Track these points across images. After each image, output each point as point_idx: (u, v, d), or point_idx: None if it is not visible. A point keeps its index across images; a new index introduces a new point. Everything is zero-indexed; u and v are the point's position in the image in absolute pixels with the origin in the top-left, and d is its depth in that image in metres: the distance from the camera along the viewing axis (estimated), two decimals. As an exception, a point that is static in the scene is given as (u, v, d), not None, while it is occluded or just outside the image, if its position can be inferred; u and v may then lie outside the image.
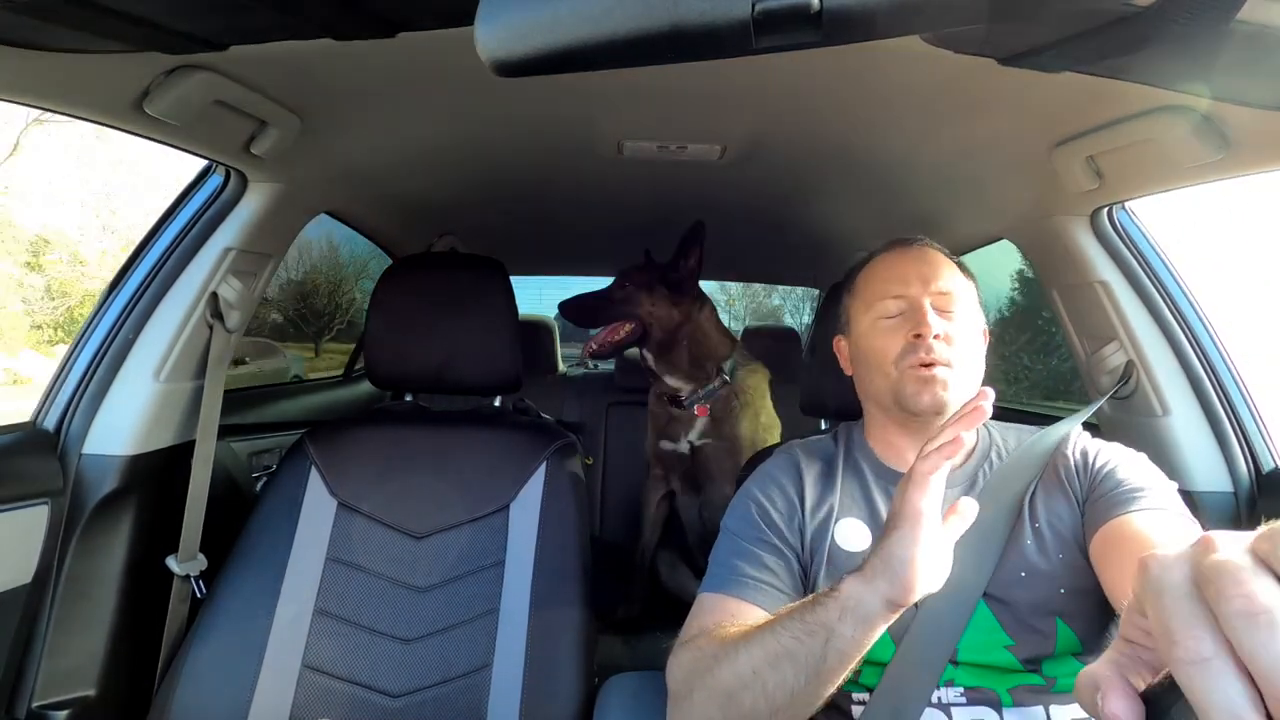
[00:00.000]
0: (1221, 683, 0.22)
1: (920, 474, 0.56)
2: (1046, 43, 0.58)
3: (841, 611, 0.56)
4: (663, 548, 1.85)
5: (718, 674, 0.62)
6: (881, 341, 0.80)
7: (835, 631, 0.56)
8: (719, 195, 1.46)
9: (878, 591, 0.55)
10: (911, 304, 0.79)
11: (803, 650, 0.57)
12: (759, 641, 0.60)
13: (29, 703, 0.93)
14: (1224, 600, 0.22)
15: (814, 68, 0.82)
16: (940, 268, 0.81)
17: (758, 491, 0.82)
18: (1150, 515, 0.66)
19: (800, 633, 0.58)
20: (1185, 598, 0.24)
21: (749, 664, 0.60)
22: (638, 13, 0.36)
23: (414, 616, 0.99)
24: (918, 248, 0.84)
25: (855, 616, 0.55)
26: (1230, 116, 0.73)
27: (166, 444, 1.07)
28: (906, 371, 0.77)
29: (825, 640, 0.56)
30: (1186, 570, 0.24)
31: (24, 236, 10.50)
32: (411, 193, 1.47)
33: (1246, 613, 0.22)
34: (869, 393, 0.85)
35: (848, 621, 0.55)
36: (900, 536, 0.56)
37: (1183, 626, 0.23)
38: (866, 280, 0.86)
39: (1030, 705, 0.67)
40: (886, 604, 0.55)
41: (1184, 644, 0.23)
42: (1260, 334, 2.32)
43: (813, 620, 0.57)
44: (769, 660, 0.59)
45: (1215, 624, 0.23)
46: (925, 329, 0.76)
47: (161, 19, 0.60)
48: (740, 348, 1.73)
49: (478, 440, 1.12)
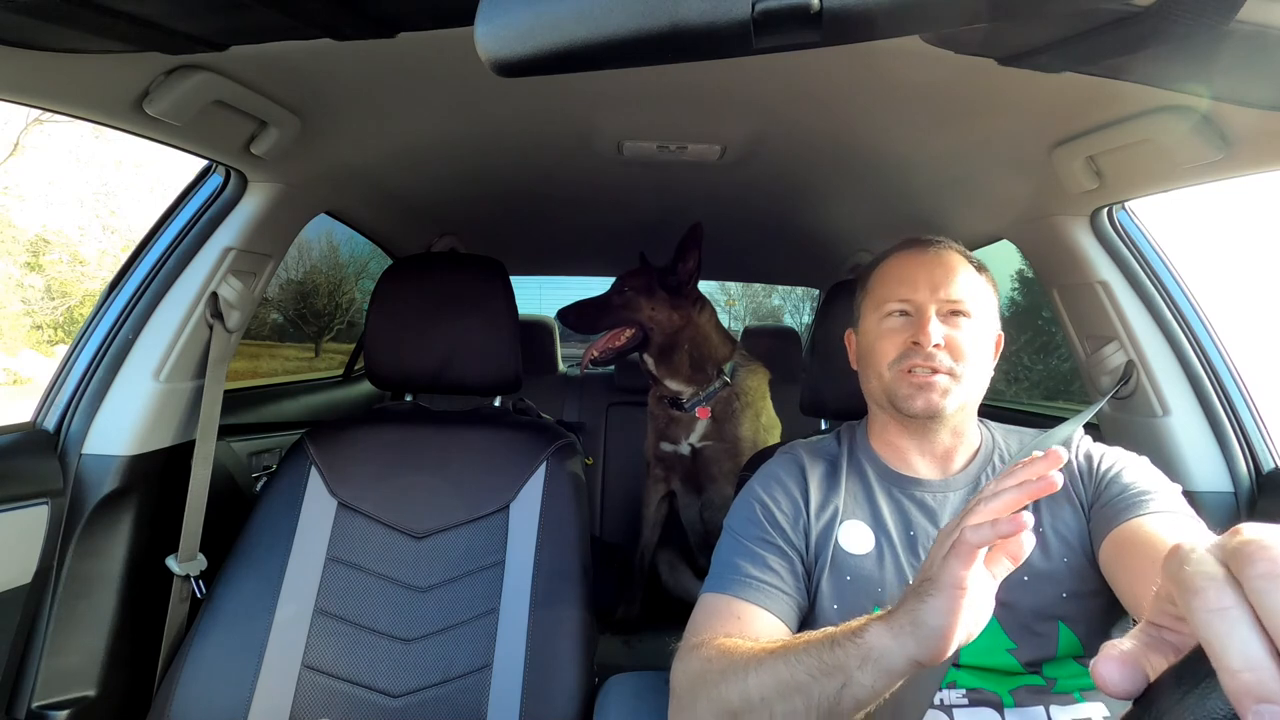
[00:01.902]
0: (1240, 629, 0.23)
1: (966, 546, 0.48)
2: (1046, 43, 0.58)
3: (863, 660, 0.53)
4: (663, 548, 1.85)
5: (724, 691, 0.61)
6: (883, 343, 0.80)
7: (853, 679, 0.53)
8: (719, 195, 1.46)
9: (905, 650, 0.51)
10: (917, 310, 0.79)
11: (817, 689, 0.55)
12: (771, 668, 0.58)
13: (29, 703, 0.93)
14: (1250, 563, 0.24)
15: (814, 68, 0.82)
16: (954, 273, 0.80)
17: (762, 492, 0.82)
18: (1161, 518, 0.66)
19: (816, 670, 0.55)
20: (1213, 563, 0.25)
21: (759, 690, 0.58)
22: (638, 13, 0.36)
23: (414, 616, 0.99)
24: (935, 250, 0.82)
25: (878, 669, 0.52)
26: (1230, 116, 0.73)
27: (166, 444, 1.07)
28: (900, 375, 0.77)
29: (842, 685, 0.54)
30: (1217, 552, 0.26)
31: (24, 236, 10.50)
32: (411, 193, 1.47)
33: (1271, 574, 0.23)
34: (867, 390, 0.85)
35: (868, 671, 0.52)
36: (936, 606, 0.49)
37: (1208, 581, 0.25)
38: (879, 279, 0.85)
39: (1031, 706, 0.67)
40: (911, 664, 0.52)
41: (1207, 594, 0.24)
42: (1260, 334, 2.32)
43: (831, 661, 0.55)
44: (780, 690, 0.57)
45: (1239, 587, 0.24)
46: (924, 338, 0.76)
47: (161, 19, 0.60)
48: (740, 349, 1.73)
49: (478, 440, 1.12)
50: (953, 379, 0.76)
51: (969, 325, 0.78)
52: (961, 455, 0.82)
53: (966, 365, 0.77)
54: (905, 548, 0.76)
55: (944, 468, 0.81)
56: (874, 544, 0.76)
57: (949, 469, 0.81)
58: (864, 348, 0.84)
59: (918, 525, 0.77)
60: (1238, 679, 0.23)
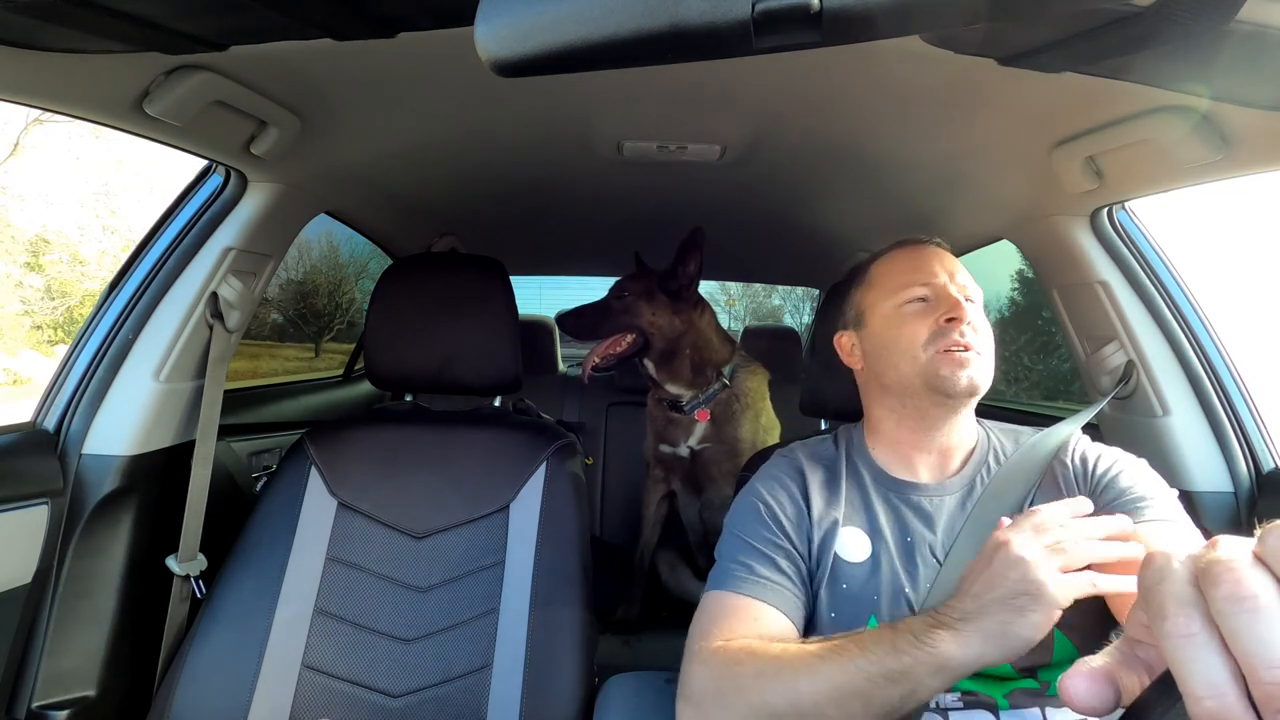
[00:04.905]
0: (1205, 655, 0.23)
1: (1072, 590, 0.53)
2: (1046, 43, 0.58)
3: (936, 669, 0.54)
4: (663, 548, 1.85)
5: (768, 695, 0.60)
6: (908, 328, 0.79)
7: (922, 684, 0.54)
8: (719, 195, 1.46)
9: (984, 658, 0.53)
10: (938, 291, 0.80)
11: (879, 695, 0.55)
12: (825, 674, 0.58)
13: (29, 703, 0.93)
14: (1215, 585, 0.24)
15: (814, 68, 0.82)
16: (958, 264, 0.84)
17: (765, 493, 0.82)
18: (1155, 527, 0.66)
19: (879, 677, 0.55)
20: (1183, 582, 0.25)
21: (812, 695, 0.58)
22: (638, 13, 0.36)
23: (414, 616, 0.99)
24: (933, 246, 0.86)
25: (948, 675, 0.54)
26: (1230, 116, 0.73)
27: (166, 444, 1.07)
28: (939, 355, 0.77)
29: (910, 690, 0.55)
30: (1189, 565, 0.26)
31: (24, 236, 10.50)
32: (411, 193, 1.47)
33: (1233, 596, 0.23)
34: (889, 382, 0.82)
35: (939, 678, 0.54)
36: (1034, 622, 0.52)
37: (1176, 606, 0.25)
38: (887, 270, 0.86)
39: (1026, 709, 0.67)
40: (982, 664, 0.54)
41: (1174, 619, 0.24)
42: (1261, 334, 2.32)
43: (897, 667, 0.55)
44: (836, 696, 0.57)
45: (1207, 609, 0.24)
46: (960, 312, 0.76)
47: (161, 19, 0.60)
48: (740, 350, 1.73)
49: (477, 440, 1.12)
50: (980, 356, 0.77)
51: (976, 311, 0.80)
52: (959, 455, 0.82)
53: (986, 345, 0.78)
54: (901, 554, 0.76)
55: (942, 468, 0.81)
56: (870, 551, 0.76)
57: (946, 470, 0.81)
58: (883, 339, 0.83)
59: (914, 531, 0.77)
60: (1202, 705, 0.23)
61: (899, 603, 0.72)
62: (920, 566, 0.74)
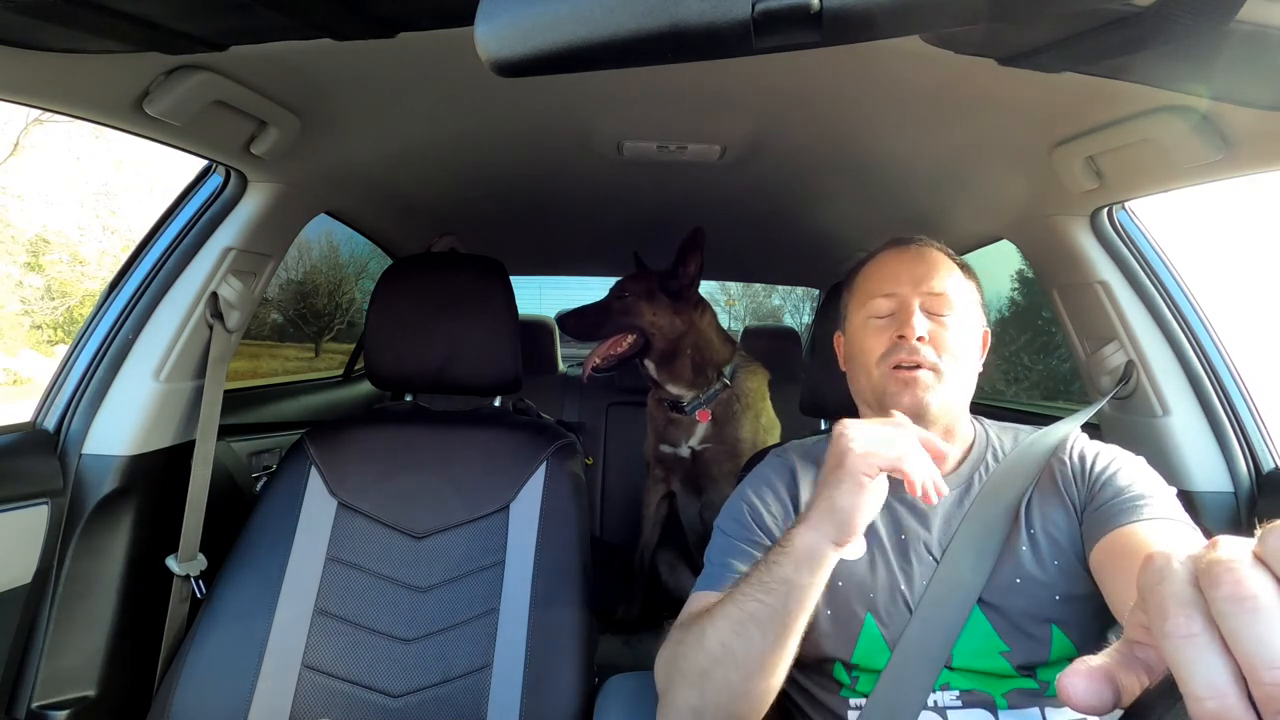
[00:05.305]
0: (1205, 655, 0.23)
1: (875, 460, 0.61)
2: (1046, 43, 0.58)
3: (798, 563, 0.61)
4: (663, 548, 1.85)
5: (690, 658, 0.64)
6: (870, 340, 0.80)
7: (794, 583, 0.61)
8: (719, 195, 1.46)
9: (826, 537, 0.61)
10: (901, 304, 0.79)
11: (765, 610, 0.61)
12: (722, 615, 0.63)
13: (29, 703, 0.93)
14: (1215, 585, 0.24)
15: (814, 68, 0.82)
16: (936, 268, 0.81)
17: (751, 494, 0.82)
18: (1154, 525, 0.65)
19: (761, 594, 0.62)
20: (1183, 583, 0.25)
21: (717, 639, 0.63)
22: (638, 13, 0.36)
23: (414, 616, 0.99)
24: (916, 247, 0.84)
25: (811, 563, 0.61)
26: (1230, 116, 0.73)
27: (166, 444, 1.07)
28: (888, 372, 0.77)
29: (786, 593, 0.61)
30: (1189, 565, 0.25)
31: (24, 236, 10.49)
32: (411, 193, 1.47)
33: (1234, 597, 0.23)
34: (856, 390, 0.85)
35: (804, 570, 0.61)
36: (847, 490, 0.60)
37: (1176, 606, 0.25)
38: (863, 278, 0.86)
39: (1025, 708, 0.67)
40: (835, 546, 0.61)
41: (1174, 619, 0.24)
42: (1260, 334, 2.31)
43: (771, 578, 0.62)
44: (735, 630, 0.62)
45: (1207, 609, 0.24)
46: (908, 330, 0.76)
47: (161, 19, 0.60)
48: (740, 350, 1.73)
49: (477, 440, 1.12)
50: (935, 375, 0.75)
51: (953, 320, 0.78)
52: (953, 456, 0.81)
53: (950, 361, 0.76)
54: (896, 551, 0.75)
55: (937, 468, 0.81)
56: (865, 550, 0.76)
57: (942, 468, 0.81)
58: (851, 347, 0.84)
59: (909, 529, 0.77)
60: (1203, 706, 0.23)
61: (895, 600, 0.72)
62: (915, 564, 0.74)
